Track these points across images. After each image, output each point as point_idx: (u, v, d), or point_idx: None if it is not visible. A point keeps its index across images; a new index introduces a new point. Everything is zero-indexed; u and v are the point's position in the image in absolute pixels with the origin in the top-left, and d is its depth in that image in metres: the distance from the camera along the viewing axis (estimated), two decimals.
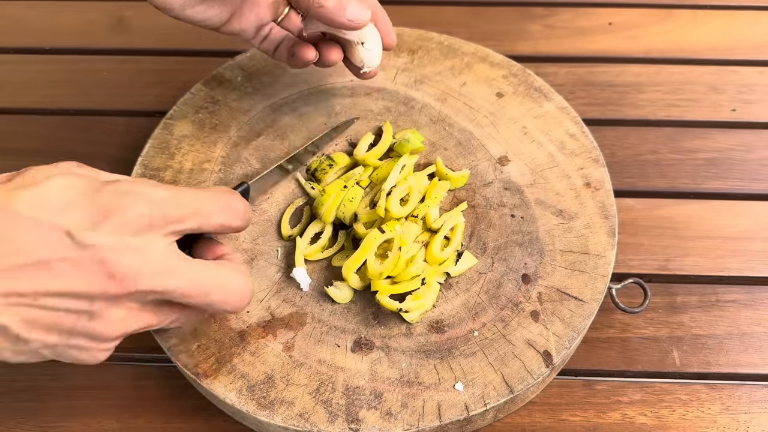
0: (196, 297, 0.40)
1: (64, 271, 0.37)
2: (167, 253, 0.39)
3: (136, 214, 0.38)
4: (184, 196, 0.41)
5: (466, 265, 0.53)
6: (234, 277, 0.42)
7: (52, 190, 0.38)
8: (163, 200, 0.40)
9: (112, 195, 0.38)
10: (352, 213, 0.54)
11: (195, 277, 0.40)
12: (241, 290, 0.42)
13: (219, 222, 0.42)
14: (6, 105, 0.73)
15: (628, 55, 0.76)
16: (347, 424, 0.46)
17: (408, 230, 0.53)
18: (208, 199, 0.42)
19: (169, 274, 0.39)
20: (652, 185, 0.65)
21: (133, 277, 0.37)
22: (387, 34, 0.57)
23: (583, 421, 0.51)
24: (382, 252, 0.51)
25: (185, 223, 0.40)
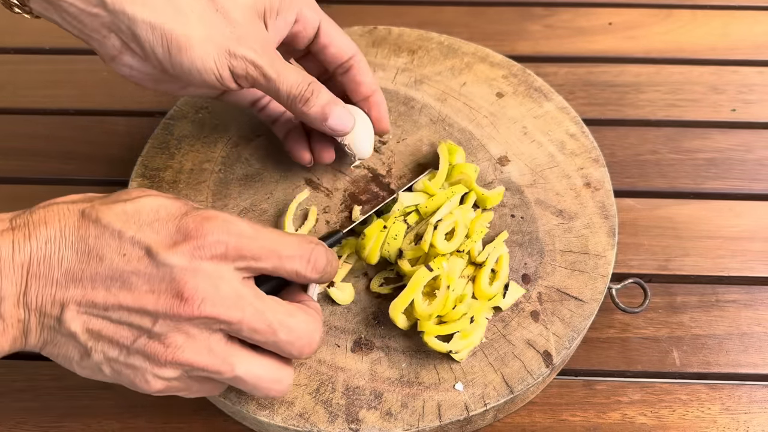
0: (263, 333, 0.40)
1: (136, 286, 0.38)
2: (238, 284, 0.39)
3: (213, 240, 0.39)
4: (265, 236, 0.41)
5: (514, 296, 0.51)
6: (305, 320, 0.42)
7: (141, 208, 0.39)
8: (243, 234, 0.40)
9: (196, 219, 0.39)
10: (397, 249, 0.52)
11: (264, 312, 0.40)
12: (310, 335, 0.42)
13: (294, 269, 0.42)
14: (6, 105, 0.73)
15: (628, 55, 0.76)
16: (347, 424, 0.46)
17: (454, 266, 0.50)
18: (289, 245, 0.42)
19: (236, 305, 0.39)
20: (652, 185, 0.65)
21: (198, 300, 0.38)
22: (380, 122, 0.56)
23: (583, 421, 0.51)
24: (428, 290, 0.49)
25: (260, 262, 0.40)
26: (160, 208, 0.39)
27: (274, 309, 0.40)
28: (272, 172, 0.60)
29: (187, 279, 0.38)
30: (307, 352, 0.42)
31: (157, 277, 0.38)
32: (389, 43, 0.68)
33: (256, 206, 0.58)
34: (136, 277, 0.38)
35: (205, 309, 0.38)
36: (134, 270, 0.38)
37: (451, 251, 0.51)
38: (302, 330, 0.41)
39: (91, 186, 0.65)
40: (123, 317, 0.38)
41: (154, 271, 0.38)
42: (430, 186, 0.55)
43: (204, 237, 0.38)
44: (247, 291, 0.40)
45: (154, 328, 0.38)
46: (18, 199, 0.65)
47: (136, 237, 0.38)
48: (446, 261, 0.50)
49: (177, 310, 0.38)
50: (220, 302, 0.38)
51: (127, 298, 0.38)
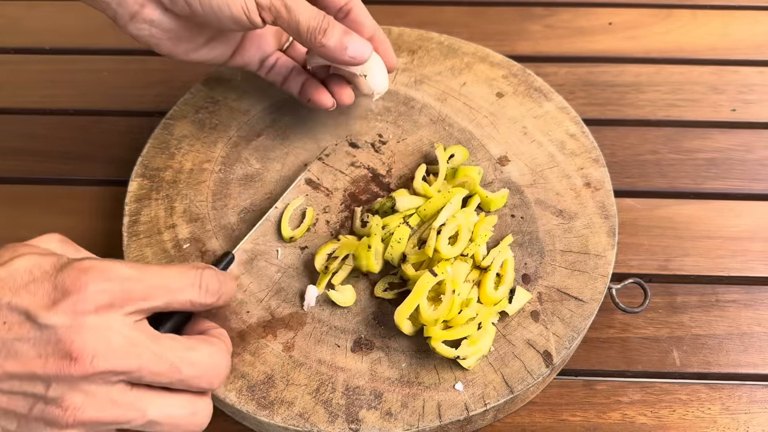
0: (167, 374, 0.39)
1: (21, 353, 0.36)
2: (130, 331, 0.38)
3: (95, 291, 0.37)
4: (149, 274, 0.40)
5: (521, 301, 0.51)
6: (208, 351, 0.41)
7: (15, 270, 0.38)
8: (125, 277, 0.39)
9: (72, 272, 0.38)
10: (400, 254, 0.52)
11: (162, 354, 0.39)
12: (216, 366, 0.41)
13: (187, 299, 0.41)
14: (6, 105, 0.73)
15: (628, 55, 0.76)
16: (347, 424, 0.46)
17: (458, 270, 0.50)
18: (176, 277, 0.41)
19: (131, 352, 0.38)
20: (652, 185, 0.65)
21: (89, 357, 0.36)
22: (388, 57, 0.57)
23: (583, 421, 0.51)
24: (433, 295, 0.49)
25: (150, 301, 0.39)
26: (33, 267, 0.38)
27: (173, 347, 0.39)
28: (272, 172, 0.60)
29: (74, 337, 0.36)
30: (216, 384, 0.41)
31: (42, 340, 0.36)
32: None
33: (256, 206, 0.58)
34: (20, 344, 0.36)
35: (98, 364, 0.36)
36: (17, 336, 0.36)
37: (456, 255, 0.51)
38: (206, 363, 0.40)
39: (91, 186, 0.65)
40: (14, 387, 0.37)
41: (38, 335, 0.36)
42: (428, 188, 0.55)
43: (84, 290, 0.37)
44: (140, 335, 0.38)
45: (49, 393, 0.37)
46: (18, 199, 0.65)
47: (13, 302, 0.36)
48: (450, 265, 0.50)
49: (68, 371, 0.36)
50: (112, 354, 0.37)
51: (14, 366, 0.36)
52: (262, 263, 0.54)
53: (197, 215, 0.57)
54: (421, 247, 0.52)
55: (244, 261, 0.54)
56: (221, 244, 0.55)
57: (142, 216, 0.57)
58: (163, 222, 0.57)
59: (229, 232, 0.56)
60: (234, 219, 0.57)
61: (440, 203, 0.53)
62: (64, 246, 0.42)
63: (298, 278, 0.53)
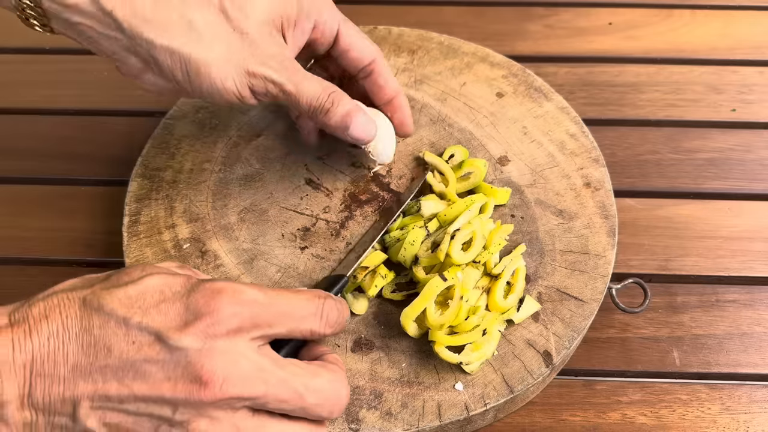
0: (291, 401, 0.38)
1: (150, 374, 0.36)
2: (256, 356, 0.37)
3: (227, 315, 0.37)
4: (277, 300, 0.39)
5: (529, 311, 0.50)
6: (330, 378, 0.40)
7: (145, 289, 0.37)
8: (254, 302, 0.38)
9: (205, 293, 0.37)
10: (413, 256, 0.51)
11: (287, 380, 0.38)
12: (338, 394, 0.40)
13: (309, 329, 0.41)
14: (6, 105, 0.73)
15: (628, 55, 0.76)
16: (347, 424, 0.46)
17: (468, 276, 0.50)
18: (301, 305, 0.40)
19: (258, 378, 0.37)
20: (652, 185, 0.65)
21: (219, 381, 0.36)
22: (402, 126, 0.56)
23: (583, 421, 0.51)
24: (441, 299, 0.49)
25: (274, 328, 0.39)
26: (164, 287, 0.37)
27: (297, 374, 0.38)
28: (272, 172, 0.60)
29: (203, 361, 0.36)
30: (337, 412, 0.40)
31: (172, 362, 0.36)
32: (389, 43, 0.68)
33: (256, 206, 0.58)
34: (149, 365, 0.36)
35: (228, 390, 0.36)
36: (146, 358, 0.36)
37: (467, 262, 0.50)
38: (329, 390, 0.40)
39: (91, 186, 0.65)
40: (141, 408, 0.36)
41: (168, 357, 0.36)
42: (452, 193, 0.55)
43: (216, 313, 0.37)
44: (267, 361, 0.38)
45: (176, 417, 0.36)
46: (18, 199, 0.65)
47: (144, 322, 0.36)
48: (461, 271, 0.50)
49: (198, 396, 0.36)
50: (241, 380, 0.36)
51: (143, 388, 0.36)
52: (262, 263, 0.54)
53: (197, 215, 0.57)
54: (434, 250, 0.52)
55: (244, 261, 0.54)
56: (221, 244, 0.55)
57: (142, 216, 0.57)
58: (163, 222, 0.57)
59: (229, 232, 0.56)
60: (234, 219, 0.57)
61: (461, 209, 0.53)
62: (182, 270, 0.42)
63: (298, 278, 0.53)
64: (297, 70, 0.49)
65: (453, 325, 0.48)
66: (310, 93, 0.49)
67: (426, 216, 0.54)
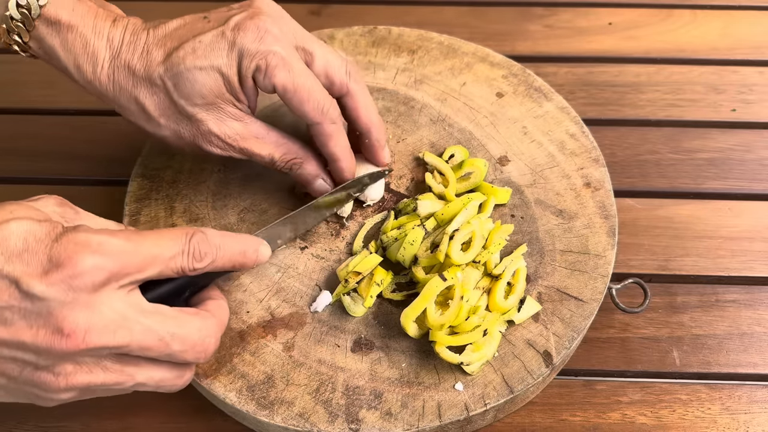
0: (155, 348, 0.39)
1: (11, 321, 0.36)
2: (123, 305, 0.38)
3: (90, 267, 0.37)
4: (142, 244, 0.39)
5: (529, 312, 0.50)
6: (198, 326, 0.41)
7: (9, 234, 0.37)
8: (120, 252, 0.38)
9: (68, 245, 0.37)
10: (412, 256, 0.52)
11: (151, 328, 0.39)
12: (204, 342, 0.41)
13: (179, 266, 0.41)
14: (6, 105, 0.73)
15: (628, 55, 0.76)
16: (347, 424, 0.46)
17: (468, 276, 0.50)
18: (166, 245, 0.41)
19: (122, 328, 0.38)
20: (652, 185, 0.65)
21: (82, 334, 0.36)
22: (376, 157, 0.56)
23: (583, 421, 0.51)
24: (442, 299, 0.49)
25: (144, 273, 0.39)
26: (27, 234, 0.37)
27: (162, 321, 0.39)
28: (272, 172, 0.60)
29: (66, 313, 0.36)
30: (202, 359, 0.42)
31: (33, 312, 0.36)
32: (389, 43, 0.68)
33: (256, 206, 0.58)
34: (9, 313, 0.36)
35: (90, 340, 0.37)
36: (6, 305, 0.36)
37: (467, 262, 0.50)
38: (195, 338, 0.41)
39: (92, 186, 0.65)
40: (3, 352, 0.37)
41: (29, 306, 0.36)
42: (450, 194, 0.55)
43: (79, 266, 0.36)
44: (132, 310, 0.38)
45: (39, 361, 0.37)
46: (18, 200, 0.64)
47: (5, 270, 0.36)
48: (461, 271, 0.50)
49: (60, 346, 0.36)
50: (104, 330, 0.37)
51: (3, 333, 0.36)
52: None
53: (197, 215, 0.57)
54: (433, 250, 0.51)
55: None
56: None
57: (142, 216, 0.57)
58: (163, 222, 0.57)
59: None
60: (234, 219, 0.57)
61: (458, 208, 0.53)
62: (62, 209, 0.42)
63: (298, 278, 0.53)
64: (246, 138, 0.52)
65: (453, 325, 0.48)
66: (263, 160, 0.53)
67: (423, 215, 0.54)
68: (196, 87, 0.49)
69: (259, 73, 0.49)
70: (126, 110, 0.52)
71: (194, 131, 0.51)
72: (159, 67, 0.49)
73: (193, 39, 0.49)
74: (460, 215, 0.52)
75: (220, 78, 0.49)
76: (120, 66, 0.50)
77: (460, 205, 0.53)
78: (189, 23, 0.50)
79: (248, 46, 0.48)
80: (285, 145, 0.53)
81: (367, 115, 0.54)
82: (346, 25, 0.70)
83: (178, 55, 0.48)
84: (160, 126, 0.51)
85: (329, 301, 0.52)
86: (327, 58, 0.52)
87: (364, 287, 0.51)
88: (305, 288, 0.53)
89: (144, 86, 0.50)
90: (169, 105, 0.50)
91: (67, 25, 0.48)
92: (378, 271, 0.52)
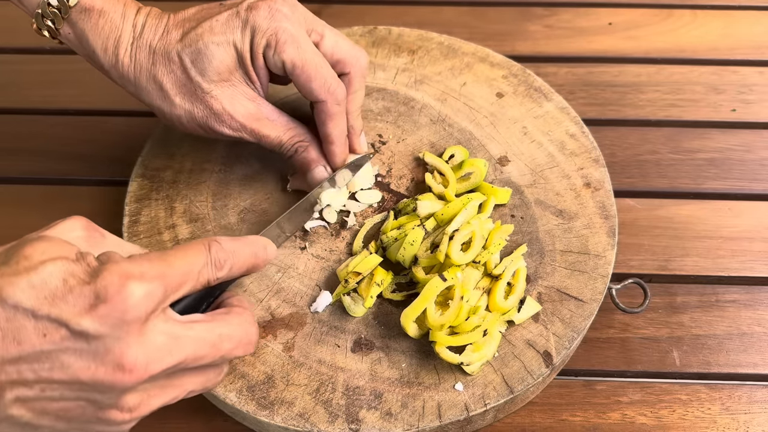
0: (209, 355, 0.40)
1: (68, 364, 0.36)
2: (166, 326, 0.38)
3: (139, 297, 0.37)
4: (174, 264, 0.39)
5: (529, 312, 0.50)
6: (237, 322, 0.42)
7: (47, 277, 0.36)
8: (161, 275, 0.38)
9: (111, 278, 0.36)
10: (412, 256, 0.52)
11: (201, 336, 0.40)
12: (247, 333, 0.42)
13: (205, 279, 0.41)
14: (6, 105, 0.73)
15: (628, 55, 0.76)
16: (347, 425, 0.46)
17: (469, 276, 0.50)
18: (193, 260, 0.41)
19: (176, 347, 0.38)
20: (652, 185, 0.65)
21: (143, 365, 0.36)
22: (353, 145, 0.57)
23: (583, 421, 0.51)
24: (442, 299, 0.49)
25: (180, 291, 0.40)
26: (65, 275, 0.36)
27: (207, 329, 0.40)
28: (272, 172, 0.60)
29: (122, 348, 0.36)
30: (251, 349, 0.43)
31: (88, 350, 0.36)
32: (389, 43, 0.68)
33: (256, 206, 0.58)
34: (65, 356, 0.36)
35: (152, 369, 0.37)
36: (60, 348, 0.36)
37: (467, 262, 0.50)
38: (240, 333, 0.42)
39: (92, 186, 0.65)
40: (65, 393, 0.36)
41: (84, 345, 0.36)
42: (450, 194, 0.55)
43: (130, 297, 0.36)
44: (175, 327, 0.39)
45: (103, 399, 0.37)
46: (18, 200, 0.65)
47: (53, 314, 0.35)
48: (461, 271, 0.50)
49: (123, 381, 0.36)
50: (161, 356, 0.37)
51: (62, 376, 0.36)
52: None
53: (197, 215, 0.57)
54: (433, 251, 0.52)
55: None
56: None
57: (142, 216, 0.57)
58: (163, 222, 0.57)
59: (229, 233, 0.56)
60: (234, 219, 0.57)
61: (458, 209, 0.53)
62: (88, 233, 0.42)
63: (298, 278, 0.53)
64: (258, 119, 0.53)
65: (453, 325, 0.48)
66: (272, 142, 0.54)
67: (422, 215, 0.54)
68: (213, 62, 0.51)
69: (269, 49, 0.51)
70: (144, 91, 0.53)
71: (207, 111, 0.52)
72: (177, 45, 0.51)
73: (210, 19, 0.52)
74: (459, 215, 0.52)
75: (235, 53, 0.51)
76: (142, 46, 0.52)
77: (460, 206, 0.53)
78: (206, 8, 0.53)
79: (260, 23, 0.51)
80: (294, 129, 0.55)
81: (354, 101, 0.56)
82: (346, 25, 0.70)
83: (196, 32, 0.51)
84: (174, 105, 0.53)
85: (329, 302, 0.52)
86: (336, 39, 0.54)
87: (364, 287, 0.51)
88: (305, 288, 0.53)
89: (162, 64, 0.52)
90: (185, 82, 0.52)
91: (99, 11, 0.51)
92: (378, 271, 0.52)
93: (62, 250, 0.38)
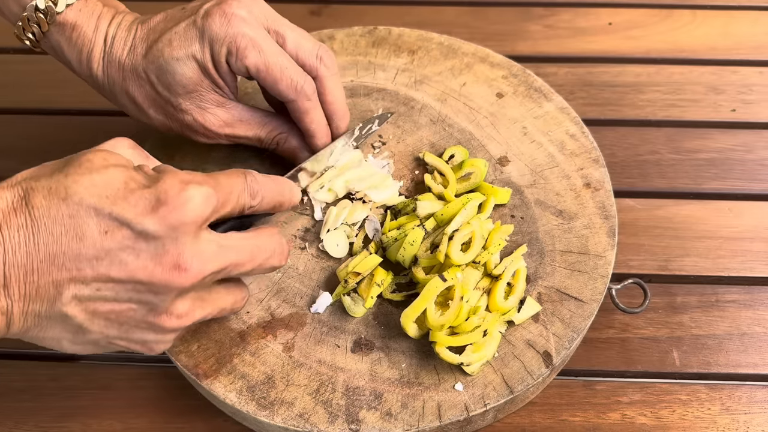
0: (248, 263, 0.42)
1: (126, 262, 0.37)
2: (212, 236, 0.41)
3: (200, 201, 0.39)
4: (221, 183, 0.41)
5: (529, 312, 0.50)
6: (268, 234, 0.44)
7: (110, 179, 0.38)
8: (216, 185, 0.40)
9: (172, 183, 0.39)
10: (412, 256, 0.51)
11: (240, 246, 0.42)
12: (280, 243, 0.45)
13: (243, 204, 0.43)
14: (6, 105, 0.73)
15: (628, 55, 0.76)
16: (347, 425, 0.46)
17: (468, 277, 0.50)
18: (235, 183, 0.43)
19: (221, 254, 0.40)
20: (652, 185, 0.65)
21: (198, 266, 0.39)
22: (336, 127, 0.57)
23: (583, 422, 0.51)
24: (442, 300, 0.49)
25: (222, 211, 0.42)
26: (128, 179, 0.38)
27: (243, 239, 0.42)
28: (272, 172, 0.59)
29: (180, 249, 0.38)
30: (285, 260, 0.45)
31: (147, 250, 0.37)
32: (389, 44, 0.68)
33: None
34: (124, 254, 0.37)
35: (205, 270, 0.39)
36: (120, 246, 0.37)
37: (467, 262, 0.50)
38: (272, 243, 0.44)
39: None
40: (120, 293, 0.38)
41: (143, 245, 0.37)
42: (450, 195, 0.55)
43: (190, 200, 0.38)
44: (220, 238, 0.41)
45: (156, 300, 0.39)
46: None
47: (115, 212, 0.37)
48: (461, 272, 0.50)
49: (179, 281, 0.38)
50: (211, 259, 0.40)
51: (120, 274, 0.37)
52: None
53: None
54: (433, 251, 0.51)
55: None
56: None
57: None
58: None
59: None
60: None
61: (457, 209, 0.53)
62: (135, 151, 0.44)
63: (298, 278, 0.53)
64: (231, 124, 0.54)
65: (453, 325, 0.48)
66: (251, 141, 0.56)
67: (422, 216, 0.54)
68: (176, 77, 0.51)
69: (231, 56, 0.51)
70: (119, 103, 0.55)
71: (180, 124, 0.54)
72: (143, 61, 0.51)
73: (169, 31, 0.51)
74: (459, 215, 0.52)
75: (197, 66, 0.51)
76: (112, 61, 0.52)
77: (460, 206, 0.53)
78: (170, 15, 0.52)
79: (216, 31, 0.50)
80: (269, 124, 0.56)
81: (333, 101, 0.55)
82: (346, 25, 0.70)
83: (157, 47, 0.51)
84: (150, 117, 0.54)
85: (329, 302, 0.52)
86: (298, 41, 0.53)
87: (364, 288, 0.51)
88: (305, 288, 0.53)
89: (132, 79, 0.52)
90: (155, 97, 0.53)
91: (72, 25, 0.52)
92: (378, 271, 0.52)
93: (121, 159, 0.40)
